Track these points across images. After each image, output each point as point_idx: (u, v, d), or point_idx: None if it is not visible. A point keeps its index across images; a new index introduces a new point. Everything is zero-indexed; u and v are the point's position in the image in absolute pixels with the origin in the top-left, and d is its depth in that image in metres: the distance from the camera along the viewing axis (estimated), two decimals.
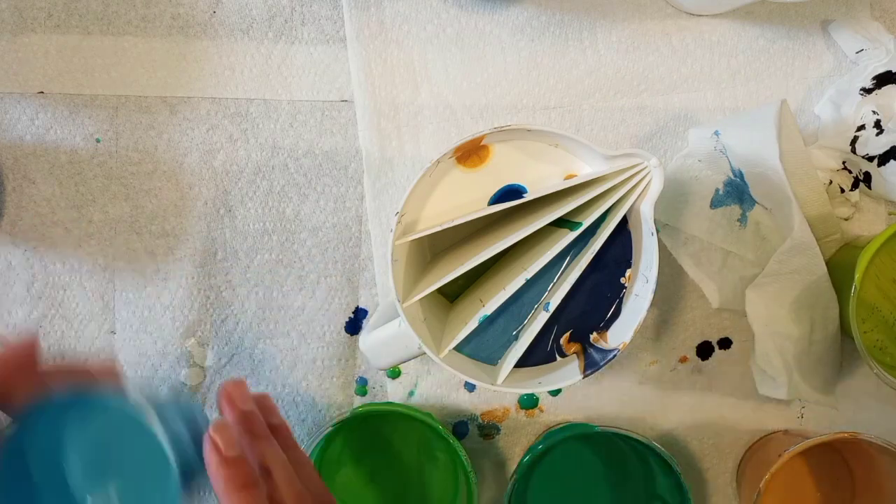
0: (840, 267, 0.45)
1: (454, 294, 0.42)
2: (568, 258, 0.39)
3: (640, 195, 0.37)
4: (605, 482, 0.48)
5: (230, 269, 0.48)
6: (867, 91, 0.46)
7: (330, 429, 0.44)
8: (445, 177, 0.39)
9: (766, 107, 0.44)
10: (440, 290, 0.42)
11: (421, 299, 0.38)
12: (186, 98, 0.48)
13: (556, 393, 0.49)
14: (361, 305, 0.48)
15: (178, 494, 0.31)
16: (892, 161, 0.46)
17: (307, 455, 0.38)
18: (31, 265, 0.47)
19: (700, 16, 0.48)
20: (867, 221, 0.48)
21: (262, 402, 0.38)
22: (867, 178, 0.47)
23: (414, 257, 0.40)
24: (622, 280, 0.39)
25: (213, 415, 0.48)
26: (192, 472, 0.32)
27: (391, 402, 0.48)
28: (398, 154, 0.48)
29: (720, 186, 0.46)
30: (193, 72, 0.47)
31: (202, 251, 0.48)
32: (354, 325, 0.48)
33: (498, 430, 0.49)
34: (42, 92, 0.47)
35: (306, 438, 0.47)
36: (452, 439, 0.43)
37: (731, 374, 0.49)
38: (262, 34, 0.48)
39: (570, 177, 0.39)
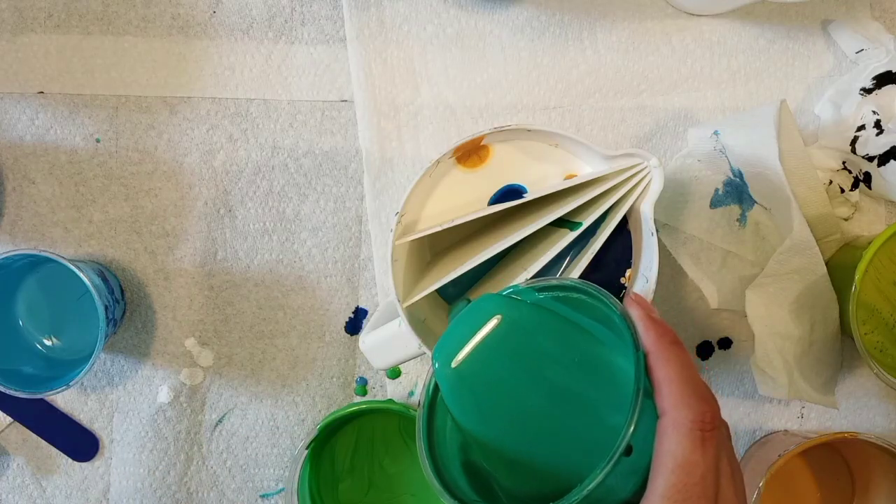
0: (840, 267, 0.45)
1: (454, 296, 0.42)
2: (568, 258, 0.39)
3: (640, 195, 0.37)
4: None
5: (230, 269, 0.48)
6: (867, 91, 0.46)
7: (316, 433, 0.44)
8: (445, 177, 0.39)
9: (766, 107, 0.44)
10: (440, 295, 0.42)
11: (421, 299, 0.38)
12: (186, 98, 0.48)
13: None
14: (361, 305, 0.48)
15: (104, 328, 0.41)
16: (892, 161, 0.46)
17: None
18: None
19: (700, 16, 0.48)
20: (867, 221, 0.48)
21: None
22: (867, 178, 0.47)
23: (414, 257, 0.40)
24: (622, 280, 0.39)
25: None
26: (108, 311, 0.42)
27: (391, 401, 0.48)
28: (398, 154, 0.48)
29: (720, 186, 0.46)
30: (193, 72, 0.47)
31: (202, 251, 0.48)
32: (354, 325, 0.48)
33: None
34: (42, 92, 0.47)
35: (305, 438, 0.47)
36: None
37: (731, 374, 0.49)
38: (262, 34, 0.48)
39: (570, 177, 0.39)
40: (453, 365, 0.30)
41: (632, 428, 0.27)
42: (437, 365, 0.30)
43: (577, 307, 0.31)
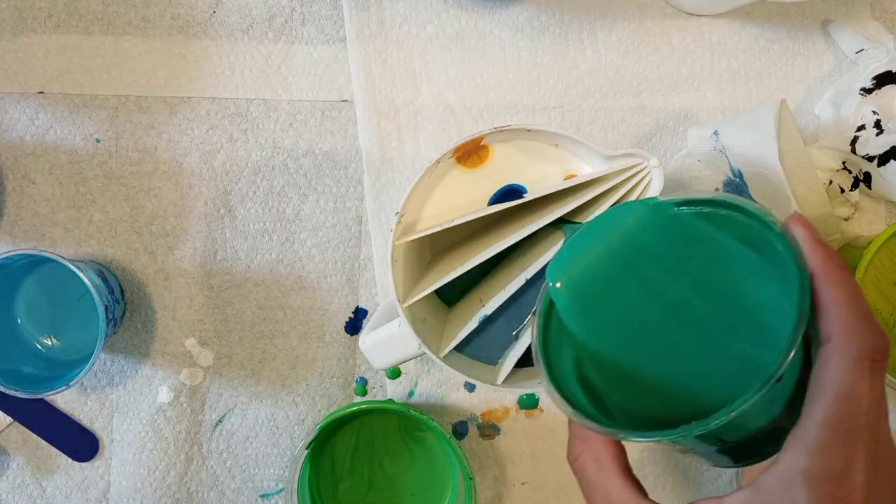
0: None
1: (453, 299, 0.42)
2: None
3: (640, 195, 0.37)
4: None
5: (230, 269, 0.48)
6: (867, 91, 0.46)
7: (316, 433, 0.44)
8: (445, 177, 0.39)
9: (766, 107, 0.44)
10: (439, 296, 0.42)
11: (421, 299, 0.38)
12: (186, 98, 0.48)
13: None
14: (361, 305, 0.48)
15: (104, 328, 0.41)
16: (892, 161, 0.46)
17: None
18: None
19: (700, 16, 0.48)
20: (867, 221, 0.48)
21: None
22: (867, 178, 0.47)
23: (414, 257, 0.40)
24: None
25: None
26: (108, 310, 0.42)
27: (391, 401, 0.48)
28: (398, 154, 0.48)
29: (719, 186, 0.46)
30: (193, 72, 0.47)
31: (202, 251, 0.48)
32: (354, 325, 0.48)
33: (498, 430, 0.49)
34: (42, 92, 0.47)
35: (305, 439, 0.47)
36: (452, 440, 0.43)
37: None
38: (262, 34, 0.48)
39: (570, 177, 0.39)
40: (563, 282, 0.28)
41: (792, 354, 0.25)
42: (550, 283, 0.29)
43: (725, 225, 0.29)
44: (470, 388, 0.48)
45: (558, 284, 0.29)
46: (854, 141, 0.46)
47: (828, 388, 0.26)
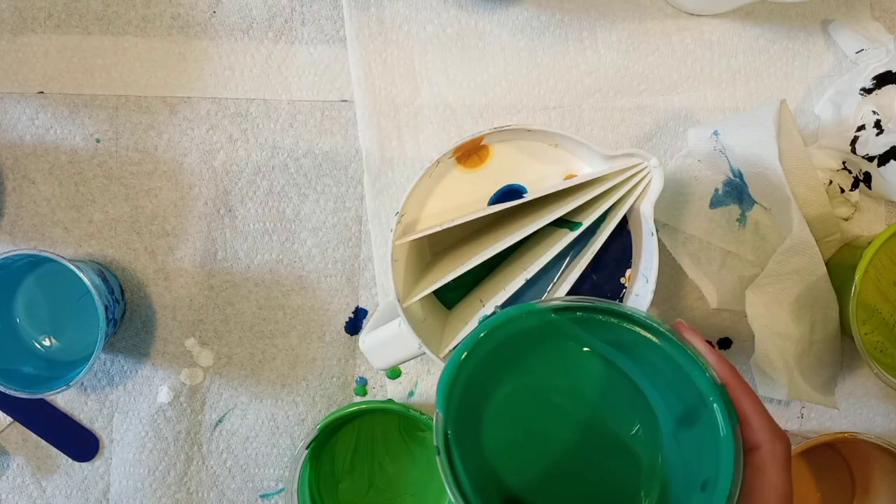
0: (840, 267, 0.45)
1: (453, 300, 0.42)
2: (568, 258, 0.39)
3: (640, 195, 0.37)
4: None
5: (230, 269, 0.48)
6: (867, 91, 0.46)
7: (316, 433, 0.44)
8: (445, 177, 0.39)
9: (766, 107, 0.44)
10: (439, 296, 0.42)
11: (421, 299, 0.38)
12: (186, 98, 0.48)
13: None
14: (361, 305, 0.48)
15: (104, 328, 0.41)
16: (892, 161, 0.46)
17: None
18: None
19: (700, 16, 0.48)
20: (867, 221, 0.48)
21: None
22: (867, 178, 0.47)
23: (414, 257, 0.40)
24: (622, 280, 0.39)
25: None
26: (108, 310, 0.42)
27: (391, 401, 0.48)
28: (398, 154, 0.48)
29: (719, 186, 0.46)
30: (193, 72, 0.47)
31: (202, 251, 0.48)
32: (354, 325, 0.48)
33: None
34: (42, 92, 0.47)
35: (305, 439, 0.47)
36: None
37: None
38: (262, 34, 0.48)
39: (570, 177, 0.39)
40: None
41: (740, 479, 0.28)
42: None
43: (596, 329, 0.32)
44: None
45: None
46: (854, 141, 0.46)
47: (768, 495, 0.28)
